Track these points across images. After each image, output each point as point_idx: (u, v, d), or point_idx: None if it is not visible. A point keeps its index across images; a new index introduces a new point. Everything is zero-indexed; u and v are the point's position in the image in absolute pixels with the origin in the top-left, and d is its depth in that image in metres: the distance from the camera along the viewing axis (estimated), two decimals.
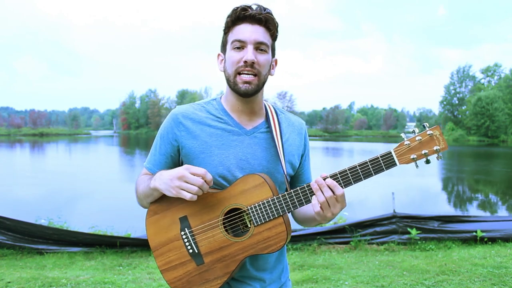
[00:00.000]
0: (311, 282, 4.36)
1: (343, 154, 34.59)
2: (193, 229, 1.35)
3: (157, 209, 1.39)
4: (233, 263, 1.34)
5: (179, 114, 1.42)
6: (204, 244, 1.35)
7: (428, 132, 1.21)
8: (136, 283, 4.33)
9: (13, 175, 18.24)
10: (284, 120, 1.50)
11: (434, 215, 6.36)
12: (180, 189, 1.23)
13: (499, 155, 35.92)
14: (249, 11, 1.33)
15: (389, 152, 1.23)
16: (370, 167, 1.23)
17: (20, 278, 4.28)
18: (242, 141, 1.40)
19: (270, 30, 1.37)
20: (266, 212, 1.30)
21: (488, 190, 15.33)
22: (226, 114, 1.43)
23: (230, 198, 1.32)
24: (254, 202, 1.30)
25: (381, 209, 8.09)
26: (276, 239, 1.31)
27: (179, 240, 1.37)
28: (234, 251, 1.33)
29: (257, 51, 1.34)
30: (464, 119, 75.88)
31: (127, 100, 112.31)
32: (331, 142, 57.71)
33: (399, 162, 1.23)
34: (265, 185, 1.30)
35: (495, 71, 78.41)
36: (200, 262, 1.36)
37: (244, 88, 1.34)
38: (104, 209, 10.59)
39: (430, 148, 1.21)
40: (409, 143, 1.22)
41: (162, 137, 1.44)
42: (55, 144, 49.73)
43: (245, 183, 1.31)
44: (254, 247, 1.32)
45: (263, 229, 1.31)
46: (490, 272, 4.48)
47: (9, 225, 5.65)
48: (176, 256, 1.37)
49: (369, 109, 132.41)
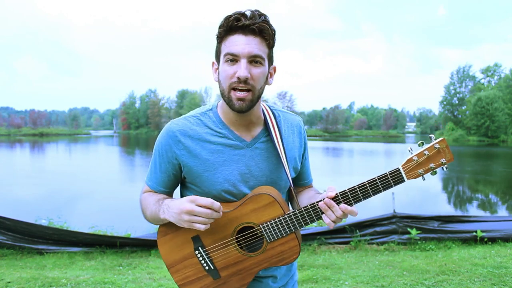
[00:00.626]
0: (311, 282, 4.36)
1: (343, 154, 34.57)
2: (206, 247, 1.37)
3: (167, 230, 1.40)
4: (249, 276, 1.38)
5: (177, 132, 1.36)
6: (219, 260, 1.37)
7: (435, 145, 1.22)
8: (136, 283, 4.32)
9: (13, 175, 18.24)
10: (283, 122, 1.47)
11: (434, 215, 6.35)
12: (192, 223, 1.23)
13: (499, 155, 35.92)
14: (242, 20, 1.24)
15: (397, 169, 1.23)
16: (379, 184, 1.24)
17: (20, 278, 4.28)
18: (244, 154, 1.38)
19: (266, 40, 1.29)
20: (278, 230, 1.32)
21: (488, 190, 15.33)
22: (224, 127, 1.39)
23: (241, 217, 1.33)
24: (266, 220, 1.32)
25: (381, 209, 8.08)
26: (289, 253, 1.35)
27: (194, 257, 1.38)
28: (249, 265, 1.37)
29: (251, 64, 1.27)
30: (464, 119, 75.86)
31: (127, 100, 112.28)
32: (331, 142, 57.70)
33: (407, 178, 1.23)
34: (275, 204, 1.32)
35: (495, 71, 78.39)
36: (216, 277, 1.39)
37: (238, 105, 1.29)
38: (104, 209, 10.59)
39: (437, 162, 1.23)
40: (417, 158, 1.22)
41: (161, 155, 1.40)
42: (55, 144, 49.71)
43: (256, 202, 1.32)
44: (268, 260, 1.36)
45: (276, 244, 1.34)
46: (490, 272, 4.48)
47: (9, 225, 5.64)
48: (192, 272, 1.40)
49: (369, 109, 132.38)
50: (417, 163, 1.22)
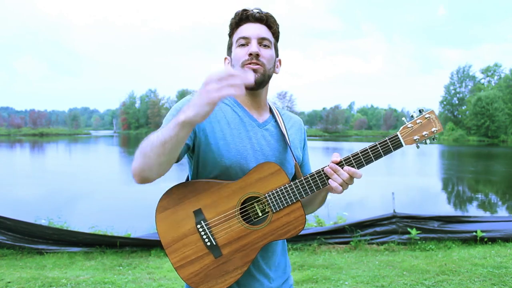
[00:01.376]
0: (311, 282, 4.36)
1: (343, 154, 34.49)
2: (209, 221, 1.32)
3: (168, 204, 1.33)
4: (253, 252, 1.33)
5: None
6: (222, 236, 1.32)
7: (426, 115, 1.36)
8: (136, 283, 4.32)
9: (13, 175, 18.24)
10: (286, 116, 1.58)
11: (434, 215, 6.36)
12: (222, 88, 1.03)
13: (499, 155, 35.91)
14: (250, 11, 1.41)
15: (396, 135, 1.35)
16: (380, 149, 1.35)
17: (20, 278, 4.28)
18: (256, 132, 1.44)
19: (272, 28, 1.44)
20: (284, 198, 1.32)
21: (488, 190, 15.33)
22: (240, 106, 1.47)
23: (246, 187, 1.32)
24: (271, 189, 1.32)
25: (381, 209, 8.09)
26: (295, 224, 1.34)
27: (195, 233, 1.32)
28: (254, 239, 1.32)
29: (261, 46, 1.40)
30: (464, 119, 75.88)
31: (127, 100, 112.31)
32: (331, 142, 57.69)
33: (405, 143, 1.36)
34: (282, 172, 1.33)
35: (495, 71, 78.45)
36: (218, 255, 1.32)
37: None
38: (104, 209, 10.59)
39: (429, 130, 1.36)
40: (412, 126, 1.36)
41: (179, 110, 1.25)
42: (55, 144, 49.72)
43: (261, 171, 1.32)
44: (273, 233, 1.33)
45: (282, 214, 1.33)
46: (490, 272, 4.48)
47: (9, 225, 5.64)
48: (192, 250, 1.32)
49: (369, 109, 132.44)
50: (412, 130, 1.36)
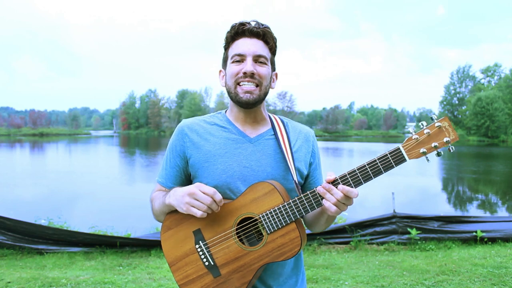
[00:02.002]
0: (311, 282, 4.36)
1: (343, 154, 34.57)
2: (207, 241, 1.36)
3: (170, 224, 1.40)
4: (250, 273, 1.34)
5: (185, 127, 1.47)
6: (220, 256, 1.35)
7: (437, 124, 1.18)
8: (136, 283, 4.32)
9: (13, 175, 18.23)
10: (291, 128, 1.50)
11: (434, 215, 6.36)
12: (190, 206, 1.25)
13: (499, 155, 35.90)
14: (247, 25, 1.38)
15: (397, 148, 1.20)
16: (379, 165, 1.20)
17: (20, 278, 4.28)
18: (245, 148, 1.41)
19: (268, 43, 1.41)
20: (278, 219, 1.29)
21: (488, 190, 15.32)
22: (229, 123, 1.46)
23: (241, 208, 1.32)
24: (266, 210, 1.30)
25: (381, 209, 8.09)
26: (290, 246, 1.30)
27: (195, 253, 1.37)
28: (250, 261, 1.33)
29: (257, 64, 1.38)
30: (464, 119, 75.87)
31: (127, 100, 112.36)
32: (331, 142, 57.67)
33: (409, 157, 1.20)
34: (275, 192, 1.30)
35: (495, 71, 78.44)
36: (216, 274, 1.36)
37: (246, 98, 1.37)
38: (104, 209, 10.59)
39: (440, 140, 1.18)
40: (417, 137, 1.19)
41: (171, 150, 1.48)
42: (55, 144, 49.70)
43: (255, 191, 1.31)
44: (269, 255, 1.31)
45: (277, 236, 1.30)
46: (490, 272, 4.48)
47: (9, 225, 5.64)
48: (193, 269, 1.38)
49: (369, 109, 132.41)
50: (418, 142, 1.19)
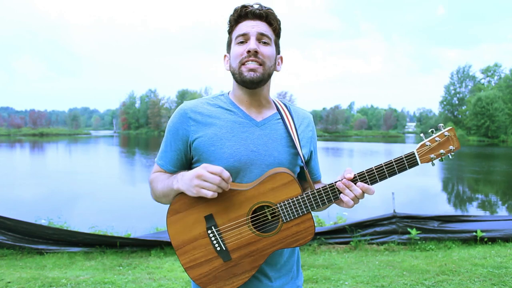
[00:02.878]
0: (311, 282, 4.36)
1: (343, 154, 34.55)
2: (219, 227, 1.35)
3: (179, 208, 1.36)
4: (261, 258, 1.36)
5: (188, 109, 1.42)
6: (232, 241, 1.35)
7: (445, 133, 1.34)
8: (136, 283, 4.32)
9: (13, 175, 18.23)
10: (294, 112, 1.52)
11: (434, 215, 6.35)
12: (200, 188, 1.24)
13: (499, 155, 35.89)
14: (249, 8, 1.37)
15: (412, 153, 1.33)
16: (395, 166, 1.33)
17: (20, 278, 4.28)
18: (252, 132, 1.40)
19: (272, 24, 1.40)
20: (295, 209, 1.33)
21: (488, 190, 15.32)
22: (235, 106, 1.44)
23: (258, 196, 1.33)
24: (283, 199, 1.32)
25: (381, 209, 8.09)
26: (304, 234, 1.35)
27: (205, 238, 1.35)
28: (263, 246, 1.35)
29: (260, 43, 1.37)
30: (464, 119, 75.89)
31: (127, 100, 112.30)
32: (331, 142, 57.66)
33: (421, 161, 1.34)
34: (294, 183, 1.33)
35: (495, 71, 78.45)
36: (227, 259, 1.36)
37: (250, 76, 1.35)
38: (104, 209, 10.58)
39: (446, 148, 1.34)
40: (429, 144, 1.34)
41: (172, 133, 1.44)
42: (55, 144, 49.69)
43: (274, 181, 1.33)
44: (282, 241, 1.35)
45: (292, 224, 1.34)
46: (490, 272, 4.48)
47: (9, 225, 5.64)
48: (201, 253, 1.36)
49: (369, 109, 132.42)
50: (430, 148, 1.34)
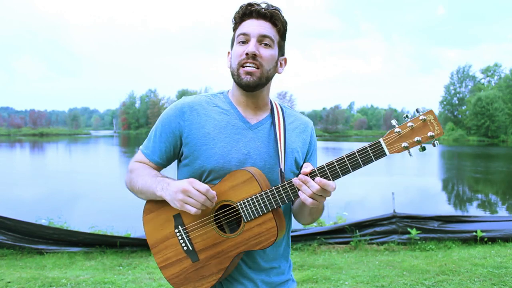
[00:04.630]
0: (311, 282, 4.36)
1: (343, 154, 34.51)
2: (186, 226, 1.35)
3: (152, 207, 1.40)
4: (227, 260, 1.33)
5: (185, 104, 1.41)
6: (198, 241, 1.35)
7: (421, 117, 1.12)
8: (136, 283, 4.32)
9: (13, 175, 18.23)
10: (290, 116, 1.49)
11: (434, 215, 6.35)
12: (184, 203, 1.23)
13: (499, 155, 35.89)
14: (255, 6, 1.34)
15: (377, 142, 1.18)
16: (358, 158, 1.18)
17: (20, 278, 4.28)
18: (245, 135, 1.39)
19: (277, 25, 1.36)
20: (255, 208, 1.27)
21: (488, 190, 15.32)
22: (232, 106, 1.43)
23: (220, 194, 1.30)
24: (243, 198, 1.28)
25: (381, 209, 8.08)
26: (267, 235, 1.28)
27: (174, 237, 1.37)
28: (227, 248, 1.32)
29: (261, 45, 1.34)
30: (464, 119, 75.88)
31: (127, 100, 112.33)
32: (331, 142, 57.67)
33: (389, 151, 1.16)
34: (253, 180, 1.27)
35: (495, 71, 78.47)
36: (195, 259, 1.36)
37: (246, 79, 1.33)
38: (104, 209, 10.58)
39: (424, 134, 1.12)
40: (399, 130, 1.14)
41: (164, 124, 1.42)
42: (55, 144, 49.70)
43: (234, 178, 1.30)
44: (245, 243, 1.30)
45: (254, 225, 1.29)
46: (490, 272, 4.48)
47: (9, 225, 5.64)
48: (172, 253, 1.38)
49: (369, 109, 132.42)
50: (400, 135, 1.14)
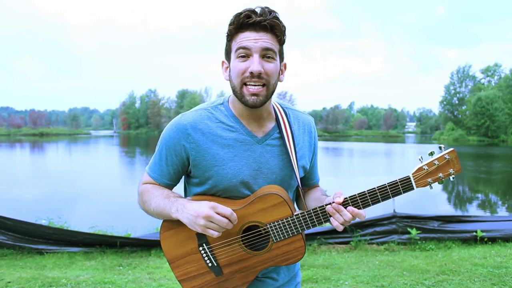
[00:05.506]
0: (311, 282, 4.36)
1: (343, 154, 34.56)
2: (211, 244, 1.35)
3: (171, 225, 1.37)
4: (252, 274, 1.38)
5: (188, 125, 1.33)
6: (223, 258, 1.36)
7: (446, 156, 1.24)
8: (136, 283, 4.32)
9: (13, 175, 18.23)
10: (294, 120, 1.45)
11: (434, 215, 6.35)
12: (206, 228, 1.21)
13: (499, 155, 35.89)
14: (253, 17, 1.23)
15: (407, 178, 1.25)
16: (389, 190, 1.26)
17: (20, 278, 4.28)
18: (254, 150, 1.36)
19: (277, 36, 1.28)
20: (286, 230, 1.32)
21: (488, 190, 15.32)
22: (236, 121, 1.36)
23: (248, 216, 1.32)
24: (273, 220, 1.31)
25: (381, 209, 8.06)
26: (294, 253, 1.35)
27: (197, 253, 1.37)
28: (253, 263, 1.36)
29: (264, 59, 1.26)
30: (464, 119, 75.82)
31: (127, 100, 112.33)
32: (331, 142, 57.66)
33: (416, 186, 1.26)
34: (284, 204, 1.31)
35: (495, 71, 78.38)
36: (219, 273, 1.37)
37: (252, 100, 1.28)
38: (104, 209, 10.58)
39: (445, 172, 1.25)
40: (427, 168, 1.25)
41: (168, 147, 1.36)
42: (55, 144, 49.70)
43: (264, 202, 1.31)
44: (273, 259, 1.35)
45: (282, 244, 1.34)
46: (490, 272, 4.48)
47: (10, 225, 5.64)
48: (194, 268, 1.39)
49: (369, 109, 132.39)
50: (427, 172, 1.25)
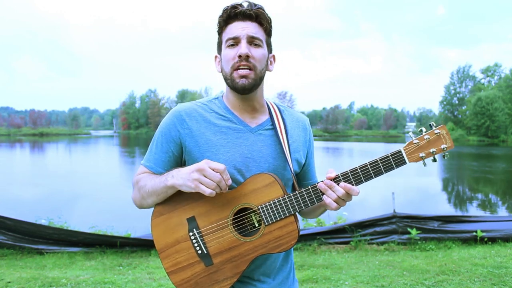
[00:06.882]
0: (311, 282, 4.36)
1: (343, 154, 34.55)
2: (201, 229, 1.33)
3: (163, 210, 1.36)
4: (243, 263, 1.32)
5: (183, 112, 1.40)
6: (213, 245, 1.32)
7: (436, 131, 1.25)
8: (136, 283, 4.32)
9: (13, 175, 18.23)
10: (288, 116, 1.49)
11: (434, 215, 6.36)
12: (199, 183, 1.20)
13: (499, 155, 35.89)
14: (239, 8, 1.33)
15: (399, 151, 1.26)
16: (381, 165, 1.26)
17: (20, 278, 4.28)
18: (247, 138, 1.38)
19: (263, 25, 1.36)
20: (277, 211, 1.29)
21: (488, 190, 15.32)
22: (229, 112, 1.41)
23: (239, 198, 1.30)
24: (265, 201, 1.29)
25: (381, 209, 8.09)
26: (287, 238, 1.30)
27: (187, 241, 1.34)
28: (244, 251, 1.31)
29: (251, 46, 1.33)
30: (464, 119, 75.81)
31: (127, 100, 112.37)
32: (331, 142, 57.67)
33: (409, 160, 1.26)
34: (276, 184, 1.29)
35: (495, 71, 78.35)
36: (209, 263, 1.34)
37: (241, 83, 1.32)
38: (104, 209, 10.59)
39: (437, 146, 1.25)
40: (418, 141, 1.26)
41: (163, 134, 1.41)
42: (55, 144, 49.70)
43: (255, 182, 1.30)
44: (265, 246, 1.30)
45: (274, 228, 1.30)
46: (490, 272, 4.48)
47: (10, 225, 5.64)
48: (184, 257, 1.35)
49: (369, 109, 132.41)
50: (418, 146, 1.26)
